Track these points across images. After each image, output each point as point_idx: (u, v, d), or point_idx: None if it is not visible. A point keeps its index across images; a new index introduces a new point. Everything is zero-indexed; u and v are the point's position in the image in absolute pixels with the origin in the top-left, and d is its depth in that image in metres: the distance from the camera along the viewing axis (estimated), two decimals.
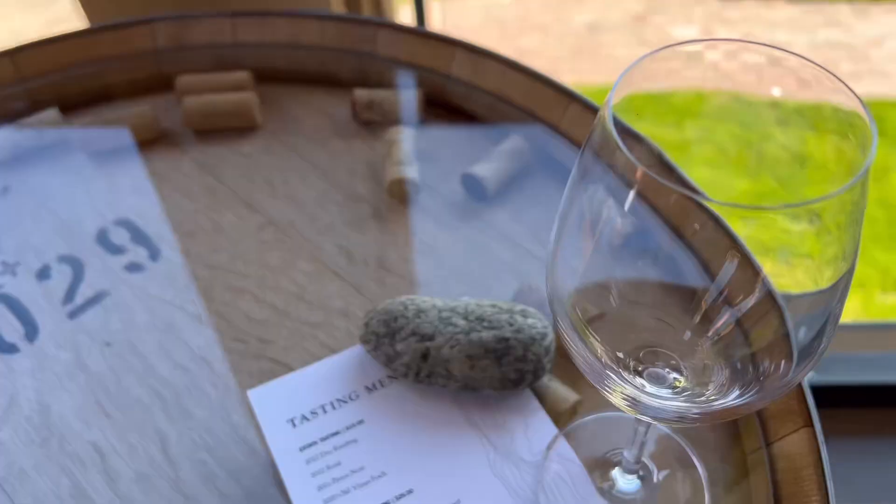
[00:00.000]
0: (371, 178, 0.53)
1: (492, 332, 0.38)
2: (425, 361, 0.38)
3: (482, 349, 0.37)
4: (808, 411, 0.36)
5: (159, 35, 0.58)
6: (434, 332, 0.38)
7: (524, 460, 0.37)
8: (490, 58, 0.53)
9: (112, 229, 0.51)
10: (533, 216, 0.50)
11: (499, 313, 0.39)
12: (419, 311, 0.39)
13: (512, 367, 0.38)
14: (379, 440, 0.38)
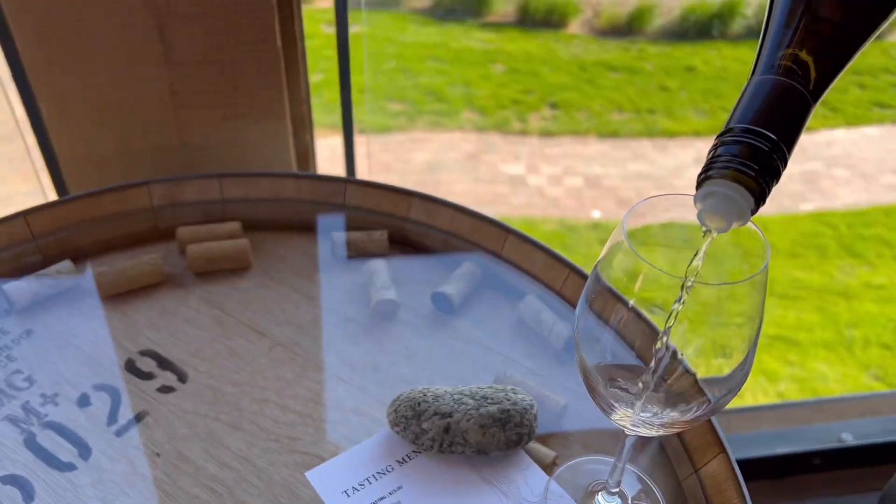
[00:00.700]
0: (356, 302, 0.65)
1: (496, 405, 0.50)
2: (447, 434, 0.50)
3: (491, 419, 0.50)
4: (721, 442, 0.51)
5: (155, 195, 0.68)
6: (452, 411, 0.50)
7: (529, 501, 0.49)
8: (442, 204, 0.68)
9: (138, 359, 0.59)
10: (491, 323, 0.64)
11: (497, 392, 0.51)
12: (437, 396, 0.51)
13: (514, 431, 0.50)
14: (416, 500, 0.49)
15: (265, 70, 0.71)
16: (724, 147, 0.34)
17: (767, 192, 0.33)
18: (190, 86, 0.70)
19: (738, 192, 0.33)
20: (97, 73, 0.69)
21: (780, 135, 0.33)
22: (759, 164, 0.33)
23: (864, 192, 4.40)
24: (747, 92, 0.35)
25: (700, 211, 0.35)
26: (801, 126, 0.34)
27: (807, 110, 0.34)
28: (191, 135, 0.74)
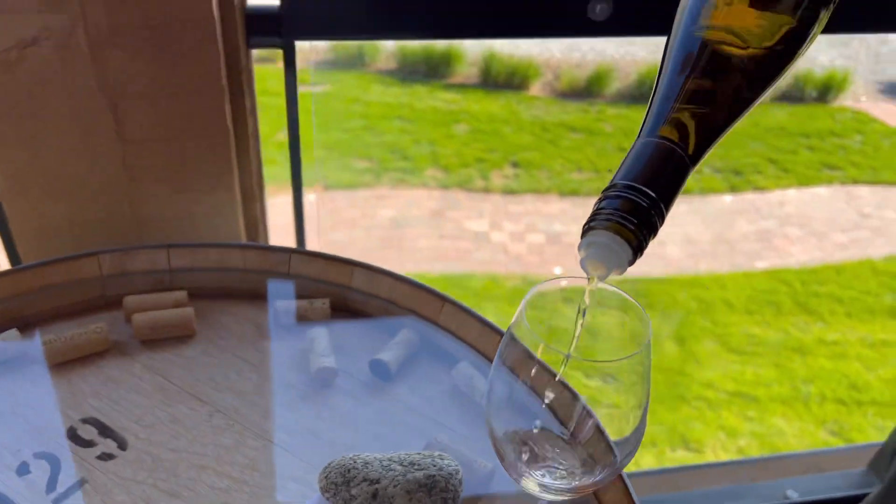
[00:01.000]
0: (296, 369, 0.67)
1: (422, 471, 0.53)
2: (375, 499, 0.52)
3: (417, 485, 0.52)
4: (633, 502, 0.54)
5: (104, 265, 0.71)
6: (380, 477, 0.53)
7: None
8: (382, 273, 0.71)
9: (80, 426, 0.61)
10: (426, 388, 0.67)
11: (424, 458, 0.54)
12: (366, 463, 0.54)
13: (439, 497, 0.53)
14: None
15: (214, 147, 0.74)
16: (607, 201, 0.37)
17: (645, 245, 0.37)
18: (142, 161, 0.74)
19: (617, 243, 0.36)
20: (52, 148, 0.72)
21: (658, 193, 0.37)
22: (637, 218, 0.36)
23: (816, 251, 4.54)
24: (632, 151, 0.38)
25: (582, 259, 0.38)
26: (678, 186, 0.38)
27: (685, 171, 0.38)
28: (142, 207, 0.77)
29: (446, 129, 5.42)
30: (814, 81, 6.41)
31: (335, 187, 4.47)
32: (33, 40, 0.65)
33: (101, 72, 0.68)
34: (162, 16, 0.66)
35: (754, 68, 0.40)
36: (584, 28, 0.82)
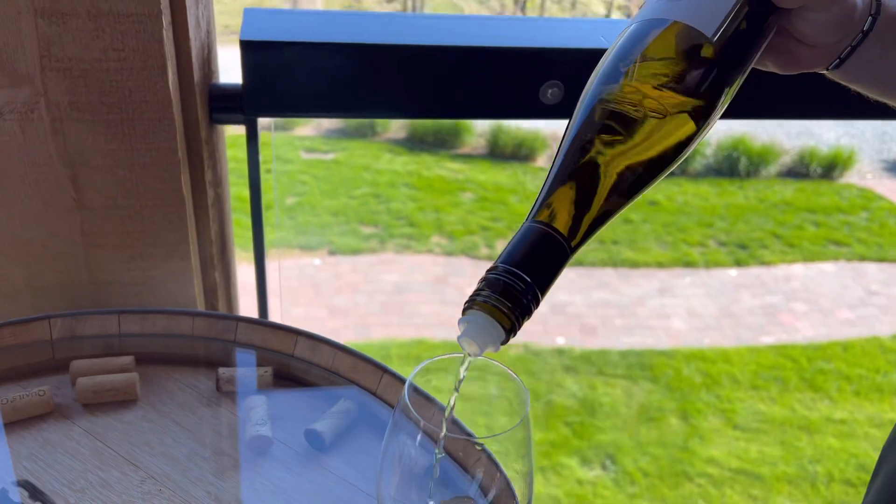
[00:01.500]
0: (233, 437, 0.68)
1: None
2: None
3: None
4: None
5: (55, 328, 0.73)
6: None
7: None
8: (324, 343, 0.73)
9: (11, 489, 0.62)
10: (361, 460, 0.67)
11: None
12: None
13: None
14: None
15: (171, 217, 0.77)
16: (486, 282, 0.38)
17: (518, 326, 0.38)
18: (100, 227, 0.76)
19: (491, 324, 0.38)
20: (13, 214, 0.75)
21: (534, 278, 0.38)
22: (512, 302, 0.38)
23: (822, 326, 4.50)
24: (517, 234, 0.40)
25: (459, 336, 0.39)
26: (556, 272, 0.39)
27: (563, 258, 0.39)
28: (99, 272, 0.79)
29: (452, 198, 5.50)
30: (819, 158, 6.47)
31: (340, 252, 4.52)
32: None
33: (61, 143, 0.71)
34: (119, 94, 0.70)
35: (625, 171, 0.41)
36: (537, 111, 0.85)
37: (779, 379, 4.19)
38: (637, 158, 0.41)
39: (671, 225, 5.57)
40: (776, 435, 3.68)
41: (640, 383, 4.08)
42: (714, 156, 6.32)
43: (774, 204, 6.00)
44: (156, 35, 0.67)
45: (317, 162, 5.76)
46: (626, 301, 4.80)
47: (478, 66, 0.82)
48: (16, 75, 0.67)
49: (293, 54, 0.78)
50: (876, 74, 0.52)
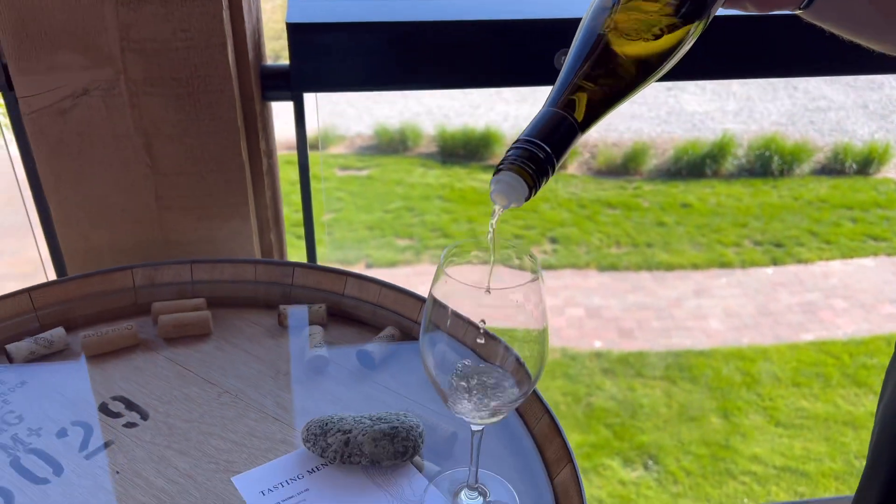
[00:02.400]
0: (294, 360, 0.78)
1: (387, 424, 0.63)
2: (347, 446, 0.62)
3: (382, 434, 0.62)
4: (571, 456, 0.62)
5: (136, 277, 0.84)
6: (351, 428, 0.63)
7: (411, 500, 0.60)
8: (371, 282, 0.82)
9: (110, 402, 0.72)
10: (405, 376, 0.76)
11: (391, 416, 0.64)
12: (341, 419, 0.64)
13: (401, 444, 0.62)
14: (319, 499, 0.60)
15: (232, 181, 0.88)
16: (513, 150, 0.48)
17: (538, 186, 0.47)
18: (171, 191, 0.87)
19: (518, 181, 0.47)
20: (95, 182, 0.86)
21: (552, 149, 0.47)
22: (535, 164, 0.47)
23: (864, 322, 4.47)
24: (538, 116, 0.49)
25: (491, 192, 0.48)
26: (568, 145, 0.48)
27: (574, 135, 0.49)
28: (171, 232, 0.90)
29: (485, 208, 5.57)
30: (854, 154, 6.43)
31: (377, 265, 4.62)
32: (84, 91, 0.80)
33: (137, 116, 0.82)
34: (186, 70, 0.81)
35: (628, 64, 0.51)
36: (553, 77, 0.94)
37: (821, 375, 4.17)
38: (633, 57, 0.50)
39: (705, 227, 5.58)
40: (820, 431, 3.67)
41: (680, 384, 4.10)
42: (746, 156, 6.32)
43: (809, 202, 5.98)
44: (217, 16, 0.78)
45: (351, 178, 5.90)
46: (662, 303, 4.82)
47: (498, 37, 0.92)
48: (100, 57, 0.79)
49: (334, 34, 0.89)
50: (842, 13, 0.60)
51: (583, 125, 0.49)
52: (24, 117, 0.81)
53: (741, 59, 0.94)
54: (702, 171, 6.25)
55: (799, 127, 7.06)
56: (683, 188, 6.11)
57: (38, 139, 0.83)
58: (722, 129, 6.76)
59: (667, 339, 4.43)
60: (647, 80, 0.53)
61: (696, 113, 7.16)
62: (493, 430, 0.70)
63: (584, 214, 5.61)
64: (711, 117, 7.12)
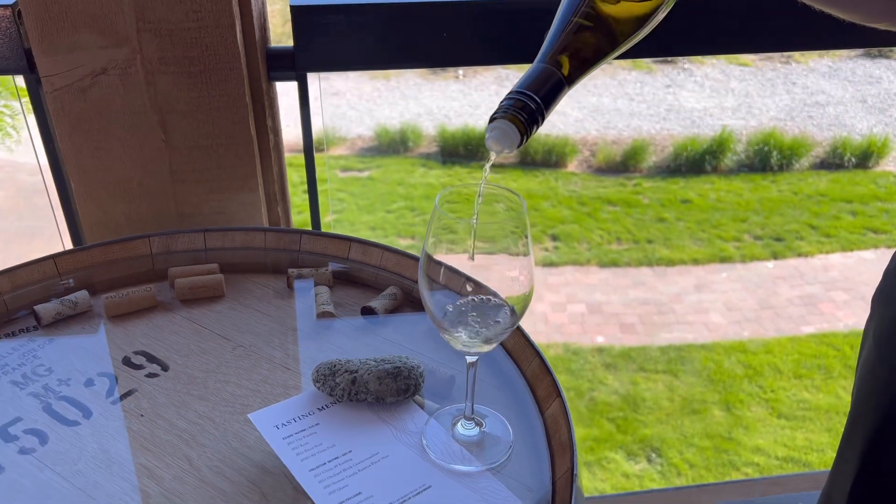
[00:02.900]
0: (303, 317, 0.83)
1: (391, 364, 0.68)
2: (353, 385, 0.67)
3: (385, 372, 0.67)
4: (559, 391, 0.68)
5: (153, 245, 0.89)
6: (357, 368, 0.68)
7: (412, 432, 0.66)
8: (373, 246, 0.88)
9: (132, 356, 0.78)
10: (407, 329, 0.82)
11: (394, 358, 0.69)
12: (348, 361, 0.69)
13: (403, 382, 0.67)
14: (329, 433, 0.65)
15: (241, 154, 0.93)
16: (506, 100, 0.53)
17: (529, 134, 0.52)
18: (184, 165, 0.93)
19: (511, 128, 0.52)
20: (113, 156, 0.91)
21: (542, 99, 0.53)
22: (527, 113, 0.52)
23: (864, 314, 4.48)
24: (529, 70, 0.55)
25: (487, 138, 0.53)
26: (556, 97, 0.54)
27: (561, 88, 0.54)
28: (184, 205, 0.95)
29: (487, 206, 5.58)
30: (852, 148, 6.47)
31: None
32: (102, 70, 0.86)
33: (152, 93, 0.88)
34: (198, 49, 0.86)
35: (611, 29, 0.56)
36: None
37: (822, 367, 4.21)
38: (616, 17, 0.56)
39: (705, 222, 5.63)
40: (822, 422, 3.70)
41: (682, 377, 4.14)
42: (745, 152, 6.37)
43: (809, 196, 6.02)
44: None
45: (353, 180, 5.96)
46: (663, 298, 4.87)
47: (491, 17, 0.97)
48: (117, 37, 0.84)
49: (334, 16, 0.94)
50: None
51: (569, 79, 0.54)
52: (47, 95, 0.87)
53: (718, 34, 0.99)
54: (701, 167, 6.30)
55: (798, 122, 7.11)
56: (683, 184, 6.16)
57: (59, 116, 0.88)
58: (721, 125, 6.82)
59: (668, 333, 4.47)
60: (630, 40, 0.58)
61: (694, 109, 7.22)
62: (488, 374, 0.75)
63: (585, 211, 5.66)
64: (710, 114, 7.17)
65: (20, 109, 3.77)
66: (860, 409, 0.82)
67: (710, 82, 7.76)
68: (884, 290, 0.75)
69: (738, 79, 7.87)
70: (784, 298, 4.80)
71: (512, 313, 0.58)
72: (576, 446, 0.63)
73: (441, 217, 0.57)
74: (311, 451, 0.63)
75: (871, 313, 0.78)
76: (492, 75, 7.56)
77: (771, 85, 7.82)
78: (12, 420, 0.70)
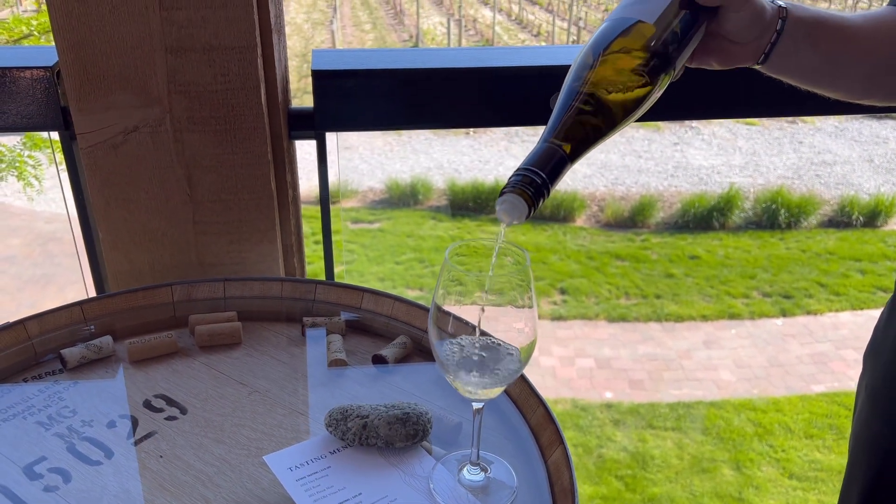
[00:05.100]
0: (316, 364, 0.87)
1: (400, 410, 0.71)
2: (364, 430, 0.70)
3: (395, 418, 0.70)
4: (562, 439, 0.70)
5: (175, 293, 0.93)
6: (368, 414, 0.71)
7: (420, 476, 0.69)
8: (385, 296, 0.91)
9: (153, 399, 0.81)
10: (416, 377, 0.85)
11: (403, 404, 0.72)
12: (359, 406, 0.72)
13: (412, 427, 0.70)
14: (340, 475, 0.68)
15: (262, 207, 0.98)
16: (515, 176, 0.58)
17: (536, 207, 0.57)
18: (207, 217, 0.97)
19: (520, 201, 0.57)
20: (141, 208, 0.96)
21: (547, 175, 0.58)
22: (533, 188, 0.57)
23: None
24: (535, 148, 0.60)
25: (498, 211, 0.58)
26: (560, 174, 0.59)
27: (564, 165, 0.59)
28: (205, 255, 1.00)
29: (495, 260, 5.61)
30: (860, 207, 6.52)
31: None
32: (135, 128, 0.91)
33: (180, 150, 0.93)
34: (224, 109, 0.92)
35: (609, 112, 0.61)
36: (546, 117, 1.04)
37: (833, 427, 4.18)
38: (610, 104, 0.61)
39: (713, 278, 5.65)
40: (835, 484, 3.66)
41: (691, 435, 4.12)
42: (753, 209, 6.43)
43: (817, 254, 6.05)
44: (252, 62, 0.90)
45: (363, 231, 6.04)
46: (672, 354, 4.86)
47: (497, 82, 1.03)
48: (149, 98, 0.90)
49: (353, 80, 1.00)
50: (795, 66, 0.70)
51: (571, 157, 0.60)
52: (82, 151, 0.92)
53: (713, 101, 1.04)
54: (709, 223, 6.35)
55: (805, 180, 7.18)
56: (691, 240, 6.20)
57: (92, 171, 0.93)
58: (728, 182, 6.89)
59: (677, 389, 4.46)
60: (625, 122, 0.63)
61: (702, 167, 7.31)
62: (494, 422, 0.78)
63: (594, 266, 5.70)
64: (717, 171, 7.26)
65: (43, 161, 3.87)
66: (855, 464, 0.84)
67: (718, 140, 7.87)
68: (874, 345, 0.78)
69: (745, 137, 7.97)
70: (794, 356, 4.79)
71: (516, 361, 0.62)
72: (577, 493, 0.66)
73: (451, 269, 0.61)
74: (323, 492, 0.66)
75: (864, 369, 0.81)
76: (501, 132, 7.69)
77: (778, 144, 7.92)
78: (37, 459, 0.73)
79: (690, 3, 0.67)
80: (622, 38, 0.64)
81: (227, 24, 0.87)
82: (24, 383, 0.83)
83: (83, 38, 0.86)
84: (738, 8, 0.66)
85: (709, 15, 0.68)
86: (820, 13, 0.68)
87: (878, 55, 0.68)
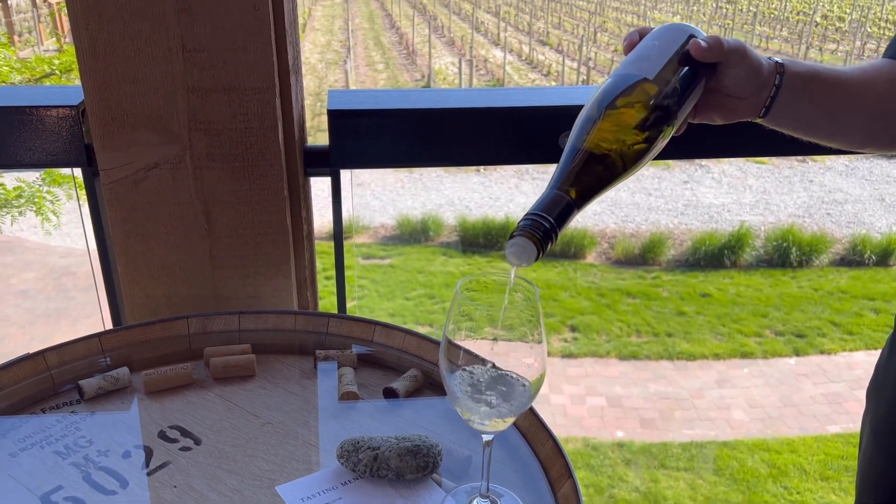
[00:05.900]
0: (328, 396, 0.88)
1: (411, 442, 0.72)
2: (375, 461, 0.71)
3: (406, 450, 0.71)
4: (571, 473, 0.71)
5: (191, 325, 0.95)
6: (380, 445, 0.72)
7: None
8: (396, 329, 0.93)
9: (168, 430, 0.83)
10: (427, 411, 0.86)
11: (414, 437, 0.73)
12: (371, 438, 0.73)
13: (422, 460, 0.71)
14: None
15: (277, 242, 1.00)
16: (524, 220, 0.60)
17: (545, 248, 0.59)
18: (223, 251, 1.00)
19: (529, 245, 0.59)
20: (159, 242, 0.99)
21: (555, 220, 0.60)
22: (542, 232, 0.59)
23: None
24: (544, 195, 0.62)
25: (507, 254, 0.60)
26: (567, 219, 0.61)
27: (571, 211, 0.61)
28: (221, 288, 1.02)
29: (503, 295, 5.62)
30: (872, 245, 6.50)
31: None
32: (156, 164, 0.94)
33: (199, 186, 0.96)
34: (242, 147, 0.94)
35: (612, 164, 0.64)
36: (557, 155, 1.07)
37: (850, 469, 4.12)
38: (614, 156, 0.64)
39: (725, 316, 5.63)
40: None
41: (704, 476, 4.07)
42: (764, 247, 6.42)
43: (830, 292, 6.02)
44: (270, 103, 0.93)
45: (374, 267, 6.06)
46: (684, 393, 4.82)
47: (508, 122, 1.05)
48: (171, 135, 0.93)
49: (368, 119, 1.03)
50: (795, 119, 0.73)
51: (578, 204, 0.62)
52: (104, 187, 0.95)
53: (723, 140, 1.06)
54: (720, 261, 6.34)
55: (816, 219, 7.17)
56: (702, 278, 6.19)
57: (114, 206, 0.96)
58: (739, 220, 6.89)
59: (690, 429, 4.42)
60: (628, 173, 0.66)
61: (712, 205, 7.32)
62: (504, 455, 0.79)
63: (604, 303, 5.69)
64: (728, 209, 7.26)
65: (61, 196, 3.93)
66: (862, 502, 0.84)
67: (728, 179, 7.89)
68: (876, 381, 0.79)
69: (755, 176, 8.00)
70: (807, 396, 4.74)
71: (527, 392, 0.63)
72: None
73: (461, 304, 0.62)
74: None
75: (867, 405, 0.82)
76: (512, 169, 7.75)
77: (788, 182, 7.93)
78: (54, 488, 0.74)
79: (690, 60, 0.69)
80: (624, 95, 0.67)
81: (248, 66, 0.90)
82: (42, 414, 0.85)
83: (109, 78, 0.90)
84: (735, 64, 0.69)
85: (707, 71, 0.70)
86: (816, 67, 0.71)
87: (874, 106, 0.70)
